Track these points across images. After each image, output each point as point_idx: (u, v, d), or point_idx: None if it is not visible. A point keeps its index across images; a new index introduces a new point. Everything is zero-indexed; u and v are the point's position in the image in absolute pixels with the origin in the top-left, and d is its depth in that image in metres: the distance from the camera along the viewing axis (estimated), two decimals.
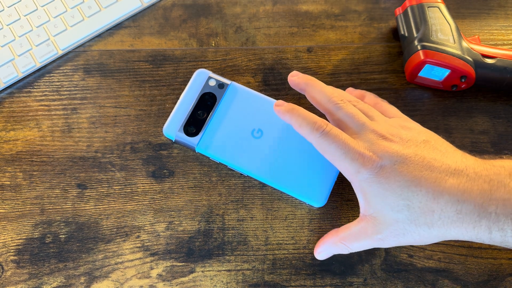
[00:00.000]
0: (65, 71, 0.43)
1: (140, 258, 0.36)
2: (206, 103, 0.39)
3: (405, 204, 0.29)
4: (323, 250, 0.35)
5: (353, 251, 0.34)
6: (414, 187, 0.29)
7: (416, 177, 0.29)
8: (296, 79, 0.37)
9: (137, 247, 0.37)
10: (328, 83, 0.42)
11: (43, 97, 0.42)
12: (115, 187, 0.38)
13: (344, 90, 0.42)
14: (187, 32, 0.44)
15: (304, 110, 0.34)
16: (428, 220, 0.29)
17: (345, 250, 0.34)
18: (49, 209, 0.38)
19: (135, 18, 0.45)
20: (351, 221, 0.37)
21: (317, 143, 0.32)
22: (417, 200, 0.29)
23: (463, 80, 0.39)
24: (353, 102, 0.35)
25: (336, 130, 0.32)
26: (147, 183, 0.38)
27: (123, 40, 0.44)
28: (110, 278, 0.36)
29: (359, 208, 0.37)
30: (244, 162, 0.37)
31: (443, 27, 0.39)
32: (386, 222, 0.30)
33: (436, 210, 0.29)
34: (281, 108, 0.34)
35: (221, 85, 0.39)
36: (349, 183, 0.38)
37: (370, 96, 0.38)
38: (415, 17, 0.40)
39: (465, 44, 0.39)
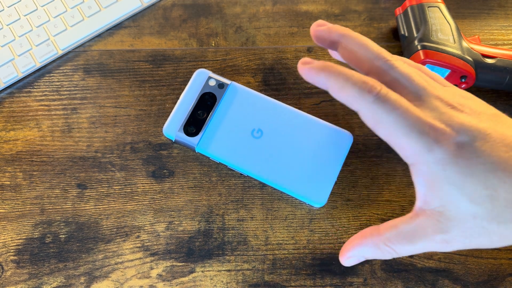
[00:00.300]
0: (65, 71, 0.43)
1: (140, 258, 0.36)
2: (206, 103, 0.39)
3: (488, 195, 0.23)
4: (356, 254, 0.27)
5: (400, 256, 0.27)
6: (501, 172, 0.23)
7: (503, 159, 0.23)
8: (325, 29, 0.27)
9: (137, 247, 0.36)
10: None
11: (43, 97, 0.42)
12: (115, 187, 0.38)
13: None
14: (187, 32, 0.44)
15: (345, 67, 0.25)
16: None
17: (388, 255, 0.26)
18: (49, 209, 0.38)
19: (135, 18, 0.45)
20: (351, 221, 0.37)
21: (369, 111, 0.24)
22: (504, 190, 0.23)
23: (463, 80, 0.39)
24: (403, 59, 0.27)
25: (395, 94, 0.24)
26: (147, 183, 0.38)
27: (123, 40, 0.44)
28: (110, 278, 0.36)
29: (359, 208, 0.38)
30: (244, 162, 0.37)
31: (443, 27, 0.39)
32: (458, 219, 0.24)
33: None
34: (312, 66, 0.25)
35: (221, 85, 0.39)
36: (349, 182, 0.38)
37: (408, 61, 0.29)
38: (415, 17, 0.40)
39: (465, 44, 0.39)
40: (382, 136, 0.25)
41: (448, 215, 0.24)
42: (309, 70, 0.25)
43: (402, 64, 0.26)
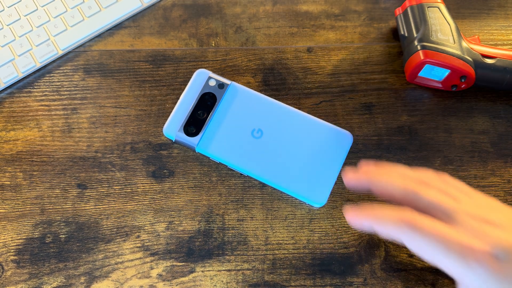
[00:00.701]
0: (65, 71, 0.43)
1: (140, 258, 0.36)
2: (206, 103, 0.39)
3: None
4: None
5: None
6: None
7: None
8: (351, 178, 0.32)
9: (137, 247, 0.37)
10: (328, 83, 0.42)
11: (43, 97, 0.42)
12: (115, 187, 0.38)
13: (345, 87, 0.42)
14: (187, 32, 0.44)
15: (380, 206, 0.29)
16: None
17: None
18: (49, 209, 0.38)
19: (135, 18, 0.45)
20: None
21: (409, 240, 0.27)
22: None
23: (463, 80, 0.39)
24: (425, 183, 0.30)
25: (428, 221, 0.27)
26: (147, 183, 0.38)
27: (123, 40, 0.44)
28: (110, 278, 0.36)
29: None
30: (244, 162, 0.37)
31: (443, 27, 0.39)
32: None
33: None
34: (356, 215, 0.30)
35: (221, 85, 0.39)
36: None
37: (429, 174, 0.32)
38: (415, 17, 0.40)
39: (465, 44, 0.39)
40: (428, 260, 0.27)
41: None
42: (354, 219, 0.30)
43: (426, 191, 0.29)
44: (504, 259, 0.26)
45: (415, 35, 0.40)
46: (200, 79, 0.40)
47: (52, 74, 0.42)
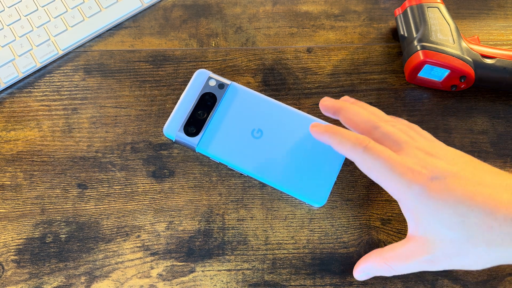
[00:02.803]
0: (65, 71, 0.43)
1: (140, 258, 0.36)
2: (206, 103, 0.39)
3: (461, 221, 0.27)
4: (364, 271, 0.34)
5: (398, 274, 0.32)
6: (469, 202, 0.27)
7: (471, 192, 0.28)
8: (328, 103, 0.36)
9: (137, 246, 0.37)
10: (328, 83, 0.42)
11: (43, 97, 0.42)
12: (115, 187, 0.38)
13: (345, 87, 0.42)
14: (187, 32, 0.44)
15: (343, 128, 0.33)
16: (486, 237, 0.27)
17: (388, 272, 0.32)
18: (50, 209, 0.38)
19: (135, 19, 0.45)
20: (351, 221, 0.37)
21: (361, 160, 0.30)
22: (474, 216, 0.27)
23: (462, 80, 0.39)
24: (390, 122, 0.33)
25: (380, 146, 0.30)
26: (148, 183, 0.39)
27: (124, 41, 0.44)
28: (111, 277, 0.36)
29: (359, 207, 0.38)
30: (244, 162, 0.37)
31: (442, 28, 0.39)
32: (439, 242, 0.29)
33: (494, 226, 0.27)
34: (318, 129, 0.33)
35: (221, 85, 0.39)
36: (349, 182, 0.38)
37: (401, 120, 0.35)
38: (414, 18, 0.40)
39: (464, 44, 0.39)
40: (374, 179, 0.31)
41: (431, 240, 0.29)
42: (316, 131, 0.34)
43: (386, 125, 0.32)
44: (440, 180, 0.28)
45: (414, 35, 0.40)
46: (200, 79, 0.40)
47: (52, 74, 0.43)
